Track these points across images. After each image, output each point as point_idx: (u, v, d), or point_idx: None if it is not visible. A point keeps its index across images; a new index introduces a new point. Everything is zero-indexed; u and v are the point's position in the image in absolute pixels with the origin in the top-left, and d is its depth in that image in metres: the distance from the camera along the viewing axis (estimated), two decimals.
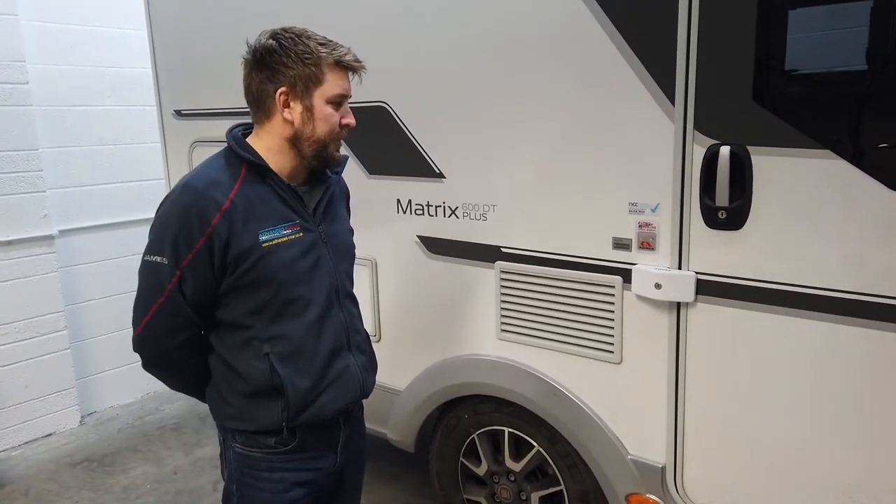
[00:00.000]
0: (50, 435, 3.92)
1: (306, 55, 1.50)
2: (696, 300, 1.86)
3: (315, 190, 1.64)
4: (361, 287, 2.59)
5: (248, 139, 1.59)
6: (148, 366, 1.63)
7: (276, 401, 1.56)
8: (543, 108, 2.05)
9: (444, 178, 2.31)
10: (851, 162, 1.60)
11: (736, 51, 1.70)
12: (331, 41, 1.55)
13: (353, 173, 2.51)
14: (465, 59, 2.19)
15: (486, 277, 2.28)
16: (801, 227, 1.69)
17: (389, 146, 2.43)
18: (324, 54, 1.50)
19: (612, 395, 2.09)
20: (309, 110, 1.52)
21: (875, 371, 1.64)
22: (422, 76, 2.31)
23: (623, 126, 1.91)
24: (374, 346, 2.58)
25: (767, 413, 1.81)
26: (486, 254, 2.26)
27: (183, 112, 3.15)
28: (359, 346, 1.72)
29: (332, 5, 2.46)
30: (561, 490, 2.30)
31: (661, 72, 1.81)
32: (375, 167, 2.50)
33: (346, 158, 1.74)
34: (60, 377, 3.94)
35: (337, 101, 1.54)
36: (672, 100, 1.80)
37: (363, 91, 2.40)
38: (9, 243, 3.66)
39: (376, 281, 2.59)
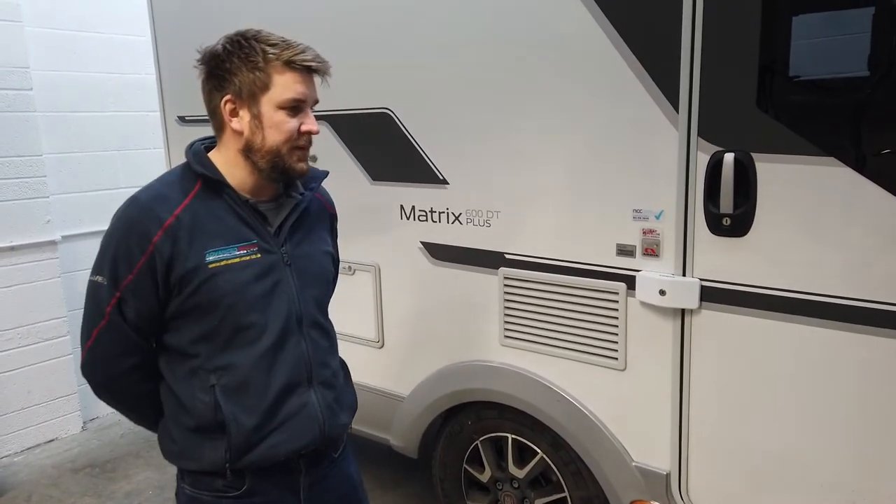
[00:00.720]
0: (52, 441, 3.92)
1: (251, 58, 1.36)
2: (700, 307, 1.85)
3: (284, 207, 1.49)
4: (364, 293, 2.60)
5: (210, 153, 1.46)
6: (98, 392, 1.49)
7: (220, 439, 1.42)
8: (547, 115, 2.05)
9: (448, 184, 2.31)
10: (856, 168, 1.60)
11: (739, 57, 1.70)
12: (286, 41, 1.39)
13: (356, 180, 2.52)
14: (468, 66, 2.19)
15: (490, 283, 2.28)
16: (806, 234, 1.68)
17: (393, 152, 2.43)
18: (271, 56, 1.35)
19: (617, 402, 2.09)
20: (257, 118, 1.38)
21: (880, 378, 1.64)
22: (425, 83, 2.31)
23: (627, 133, 1.91)
24: (377, 352, 2.63)
25: (772, 419, 1.81)
26: (490, 260, 2.26)
27: (186, 118, 3.16)
28: (325, 381, 1.53)
29: (336, 13, 2.46)
30: (565, 497, 2.29)
31: (664, 79, 1.81)
32: (378, 173, 2.50)
33: (324, 173, 1.60)
34: (62, 383, 3.94)
35: (291, 107, 1.38)
36: (676, 107, 1.80)
37: (367, 97, 2.43)
38: (11, 249, 3.66)
39: (379, 287, 2.59)
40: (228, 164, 1.43)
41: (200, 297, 1.37)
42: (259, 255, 1.43)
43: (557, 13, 1.97)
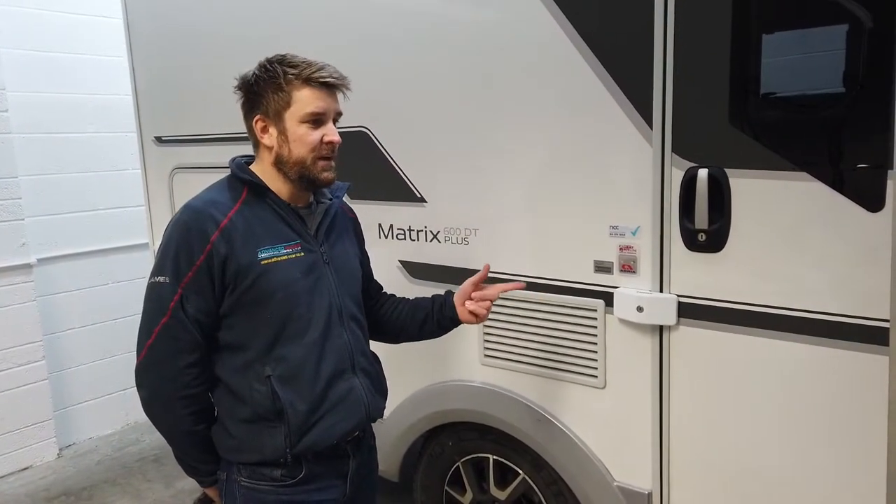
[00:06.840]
0: (26, 468, 3.83)
1: (274, 79, 1.52)
2: (678, 323, 1.85)
3: (317, 212, 1.66)
4: None
5: (250, 167, 1.63)
6: (149, 396, 1.54)
7: (279, 426, 1.53)
8: (524, 132, 2.05)
9: (426, 202, 2.30)
10: (827, 184, 1.60)
11: (712, 74, 1.71)
12: (306, 61, 1.54)
13: None
14: (445, 85, 2.19)
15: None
16: (781, 249, 1.68)
17: (370, 171, 2.42)
18: (291, 76, 1.51)
19: (597, 421, 2.07)
20: (283, 134, 1.54)
21: (860, 394, 1.63)
22: (402, 101, 2.30)
23: (602, 149, 1.91)
24: None
25: (753, 437, 1.79)
26: (468, 278, 2.24)
27: (163, 138, 3.13)
28: (364, 368, 1.68)
29: (309, 30, 2.46)
30: None
31: (638, 95, 1.81)
32: (356, 192, 2.48)
33: (347, 185, 1.76)
34: (38, 408, 3.86)
35: (313, 120, 1.53)
36: (650, 123, 1.80)
37: (344, 116, 2.41)
38: None
39: None
40: (265, 175, 1.59)
41: (254, 292, 1.51)
42: (303, 254, 1.58)
43: (530, 31, 1.98)
